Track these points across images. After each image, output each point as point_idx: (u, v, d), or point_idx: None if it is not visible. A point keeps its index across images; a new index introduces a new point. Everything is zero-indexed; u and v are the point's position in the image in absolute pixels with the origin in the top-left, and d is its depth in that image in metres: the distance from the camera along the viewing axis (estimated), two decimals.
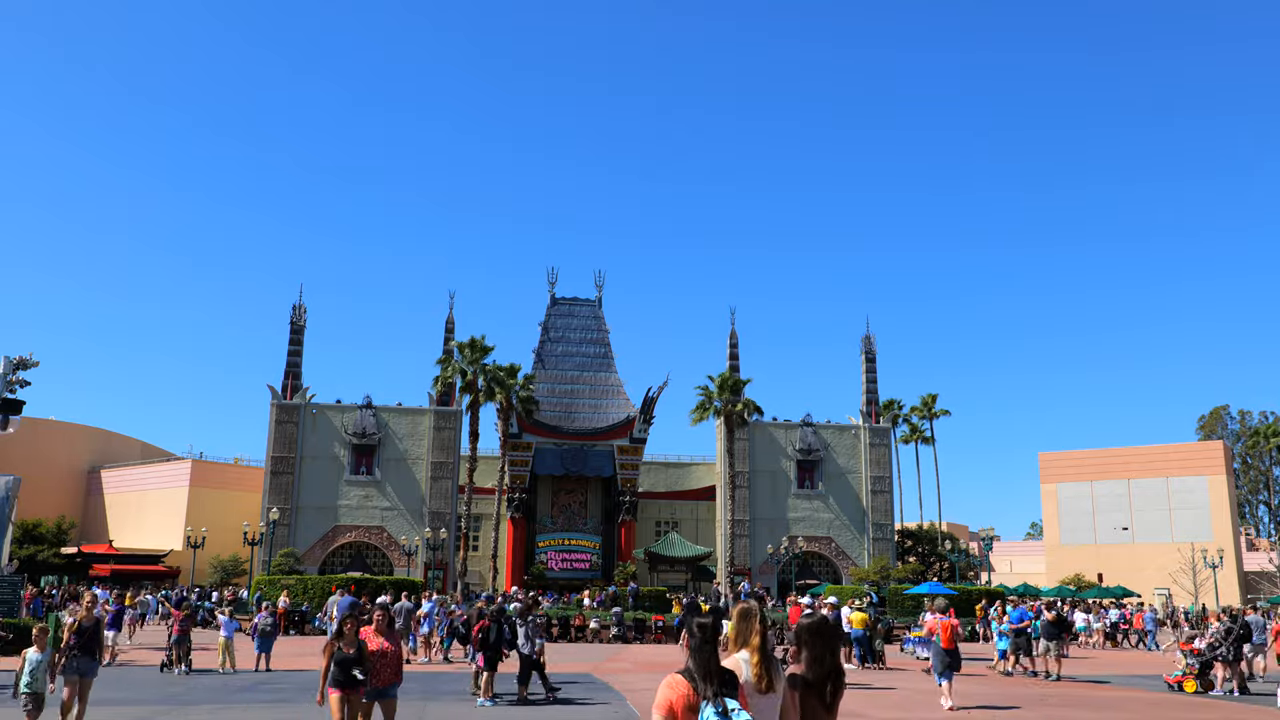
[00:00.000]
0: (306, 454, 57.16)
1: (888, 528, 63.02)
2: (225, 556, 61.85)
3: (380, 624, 10.28)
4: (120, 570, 57.57)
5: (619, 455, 61.72)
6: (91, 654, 12.52)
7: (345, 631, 9.86)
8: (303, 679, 20.79)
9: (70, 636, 12.25)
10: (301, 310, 59.07)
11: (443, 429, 58.98)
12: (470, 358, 54.00)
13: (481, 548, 62.61)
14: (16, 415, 20.98)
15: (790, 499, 62.45)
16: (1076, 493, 73.88)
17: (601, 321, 66.43)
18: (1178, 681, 21.68)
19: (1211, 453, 72.12)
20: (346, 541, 57.16)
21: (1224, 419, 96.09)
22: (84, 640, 12.36)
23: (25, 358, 21.34)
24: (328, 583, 38.79)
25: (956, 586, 45.16)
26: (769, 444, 63.10)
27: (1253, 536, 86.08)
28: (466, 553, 55.66)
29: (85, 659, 12.40)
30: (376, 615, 10.40)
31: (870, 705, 17.90)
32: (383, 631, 10.31)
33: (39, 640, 11.77)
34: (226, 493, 67.85)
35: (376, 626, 10.25)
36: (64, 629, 12.42)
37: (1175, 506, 70.20)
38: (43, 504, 62.99)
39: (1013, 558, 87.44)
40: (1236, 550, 69.31)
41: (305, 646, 29.04)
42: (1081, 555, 71.13)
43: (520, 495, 60.55)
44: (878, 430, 64.59)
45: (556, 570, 60.09)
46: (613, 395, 64.41)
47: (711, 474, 66.87)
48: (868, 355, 65.78)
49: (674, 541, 63.14)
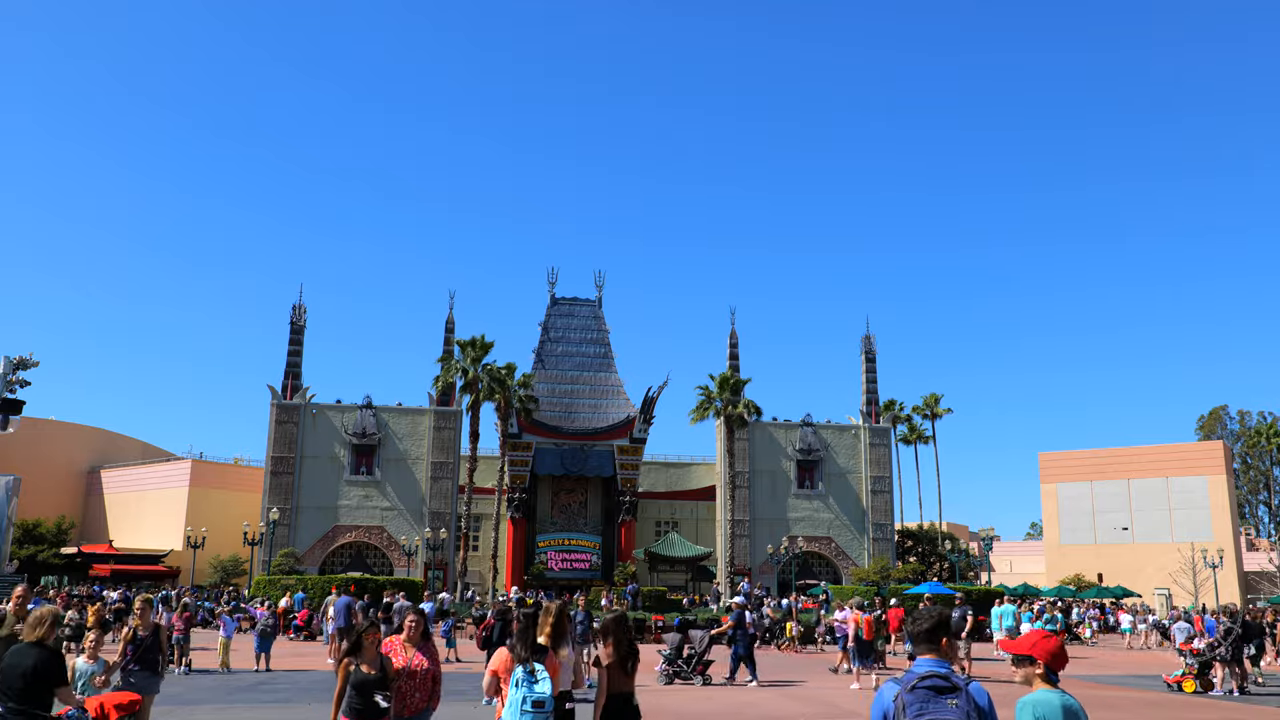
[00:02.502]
0: (306, 454, 57.15)
1: (888, 528, 63.02)
2: (225, 556, 61.89)
3: (413, 633, 8.13)
4: (120, 570, 57.62)
5: (619, 455, 61.72)
6: (153, 668, 10.91)
7: (364, 645, 7.65)
8: (303, 679, 20.79)
9: (125, 648, 10.81)
10: (301, 310, 59.08)
11: (443, 429, 58.99)
12: (470, 357, 53.99)
13: (481, 548, 62.61)
14: (16, 415, 20.97)
15: (790, 499, 62.44)
16: (1076, 493, 73.86)
17: (601, 321, 66.43)
18: (1177, 681, 21.69)
19: (1211, 453, 72.10)
20: (346, 541, 57.16)
21: (1224, 419, 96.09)
22: (141, 652, 10.78)
23: (25, 358, 21.33)
24: (328, 583, 38.83)
25: (956, 586, 45.12)
26: (769, 444, 63.10)
27: (1253, 536, 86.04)
28: (466, 553, 55.67)
29: (144, 674, 10.79)
30: (409, 622, 8.19)
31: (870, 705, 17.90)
32: (415, 643, 8.11)
33: (92, 648, 10.35)
34: (226, 493, 67.86)
35: (408, 636, 8.13)
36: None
37: (1175, 506, 70.18)
38: (43, 504, 63.00)
39: (1013, 558, 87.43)
40: (1236, 550, 69.29)
41: (305, 647, 29.05)
42: (1081, 555, 71.11)
43: (520, 495, 60.55)
44: (878, 430, 64.58)
45: (556, 570, 60.07)
46: (613, 395, 64.40)
47: (711, 474, 66.85)
48: (868, 355, 65.78)
49: (674, 541, 63.14)
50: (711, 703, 17.53)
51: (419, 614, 8.26)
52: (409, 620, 8.20)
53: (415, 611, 8.30)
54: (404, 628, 8.21)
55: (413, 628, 8.13)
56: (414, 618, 8.20)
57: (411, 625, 8.15)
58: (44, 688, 6.98)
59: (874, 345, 65.99)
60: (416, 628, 8.13)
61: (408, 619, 8.24)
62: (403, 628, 8.23)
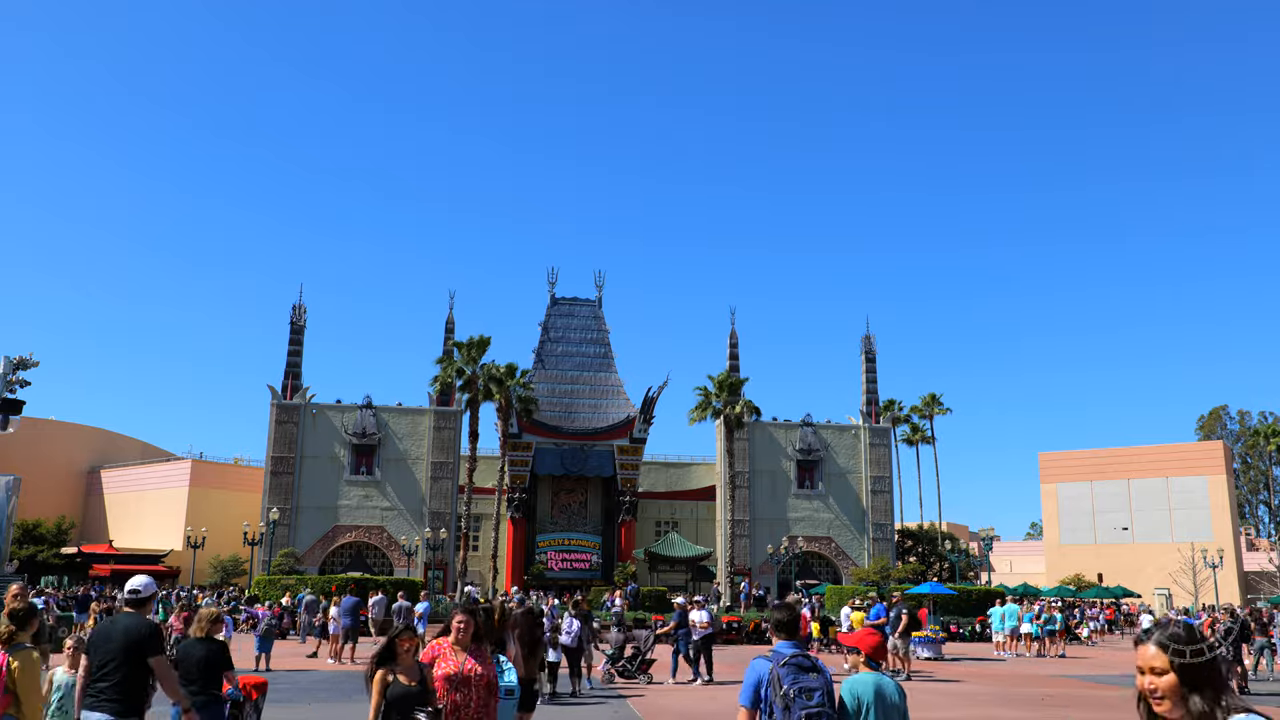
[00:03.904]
0: (306, 454, 57.16)
1: (888, 528, 63.03)
2: (225, 556, 61.90)
3: (463, 635, 6.97)
4: (120, 570, 57.59)
5: (619, 455, 61.73)
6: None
7: (399, 653, 6.59)
8: (303, 679, 20.80)
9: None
10: (301, 310, 59.10)
11: (443, 429, 59.01)
12: (469, 356, 53.99)
13: (481, 548, 62.61)
14: (16, 415, 20.99)
15: (790, 499, 62.45)
16: (1076, 493, 73.89)
17: (601, 321, 66.44)
18: None
19: (1211, 453, 72.13)
20: (346, 541, 57.17)
21: (1224, 419, 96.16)
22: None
23: (25, 358, 21.35)
24: (328, 583, 38.83)
25: (956, 586, 45.14)
26: (769, 444, 63.11)
27: (1253, 536, 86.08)
28: (466, 553, 55.60)
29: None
30: (457, 623, 7.05)
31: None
32: (466, 646, 6.95)
33: (73, 655, 8.67)
34: (226, 493, 67.87)
35: (457, 638, 6.97)
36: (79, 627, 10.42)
37: (1175, 506, 70.20)
38: (43, 504, 63.02)
39: (1013, 558, 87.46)
40: (1236, 550, 69.32)
41: (306, 648, 29.06)
42: (1081, 555, 71.14)
43: (520, 495, 60.55)
44: (878, 430, 64.59)
45: (556, 570, 60.10)
46: (613, 395, 64.42)
47: (711, 474, 66.86)
48: (868, 355, 65.79)
49: (674, 541, 63.16)
50: (714, 703, 17.54)
51: (468, 612, 7.14)
52: (457, 620, 7.07)
53: (463, 610, 7.19)
54: (452, 629, 7.09)
55: (462, 629, 6.98)
56: (463, 617, 7.07)
57: (460, 626, 6.99)
58: (214, 674, 8.25)
59: (874, 345, 66.02)
60: (467, 629, 6.97)
61: (455, 619, 7.10)
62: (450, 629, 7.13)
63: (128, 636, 7.04)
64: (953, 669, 26.39)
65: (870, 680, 5.48)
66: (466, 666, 6.76)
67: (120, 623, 7.21)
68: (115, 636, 7.09)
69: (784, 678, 5.26)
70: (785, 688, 5.22)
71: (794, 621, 5.78)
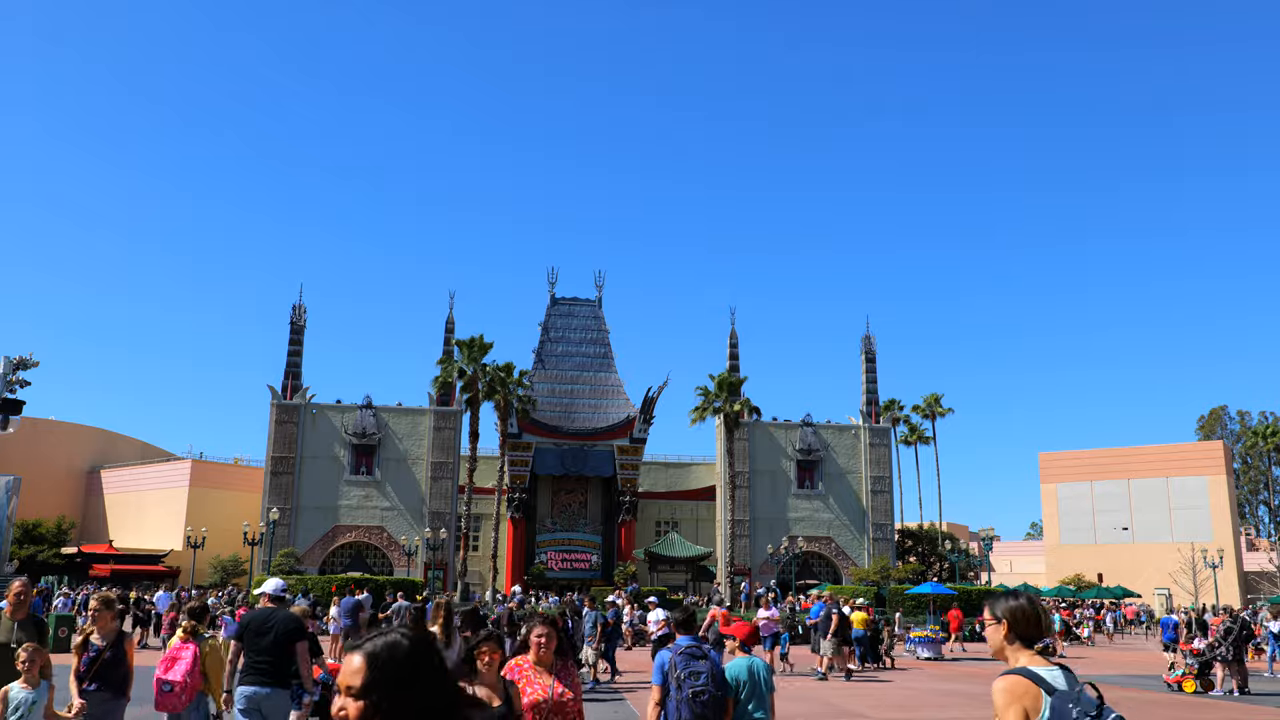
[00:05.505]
0: (306, 454, 57.16)
1: (888, 528, 63.02)
2: (225, 556, 61.83)
3: (544, 652, 5.83)
4: (120, 570, 57.60)
5: (619, 455, 61.72)
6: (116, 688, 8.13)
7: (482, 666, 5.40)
8: None
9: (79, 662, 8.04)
10: (301, 310, 59.11)
11: (442, 429, 59.00)
12: (470, 357, 53.99)
13: (481, 548, 62.60)
14: (16, 415, 20.96)
15: (790, 499, 62.43)
16: (1076, 493, 73.87)
17: (601, 321, 66.45)
18: (1177, 681, 21.70)
19: (1211, 453, 72.10)
20: (346, 542, 57.17)
21: (1224, 419, 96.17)
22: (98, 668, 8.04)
23: (25, 358, 21.32)
24: (328, 583, 38.84)
25: (956, 586, 45.19)
26: (769, 444, 63.10)
27: (1253, 536, 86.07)
28: (466, 553, 55.64)
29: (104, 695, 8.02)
30: (536, 637, 5.86)
31: (869, 705, 17.92)
32: (548, 664, 5.84)
33: (30, 669, 7.27)
34: (226, 493, 67.82)
35: (538, 656, 5.81)
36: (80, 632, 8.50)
37: (1175, 506, 70.19)
38: (43, 504, 62.99)
39: (1013, 558, 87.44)
40: (1236, 550, 69.30)
41: None
42: (1081, 555, 71.12)
43: (520, 495, 60.55)
44: (878, 430, 64.58)
45: (556, 570, 60.10)
46: (613, 395, 64.42)
47: (711, 474, 66.86)
48: (868, 355, 65.78)
49: (674, 541, 63.15)
50: None
51: (549, 625, 5.91)
52: (536, 634, 5.83)
53: (544, 622, 5.94)
54: (531, 645, 5.83)
55: (543, 644, 5.79)
56: (544, 630, 5.84)
57: (541, 641, 5.80)
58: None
59: (874, 345, 66.01)
60: (549, 644, 5.80)
61: (535, 632, 5.85)
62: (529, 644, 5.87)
63: (284, 625, 8.50)
64: (953, 669, 26.39)
65: (744, 663, 7.05)
66: (556, 691, 5.67)
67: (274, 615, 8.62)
68: (272, 627, 8.48)
69: (679, 664, 6.59)
70: (679, 671, 6.56)
71: (690, 620, 7.38)
